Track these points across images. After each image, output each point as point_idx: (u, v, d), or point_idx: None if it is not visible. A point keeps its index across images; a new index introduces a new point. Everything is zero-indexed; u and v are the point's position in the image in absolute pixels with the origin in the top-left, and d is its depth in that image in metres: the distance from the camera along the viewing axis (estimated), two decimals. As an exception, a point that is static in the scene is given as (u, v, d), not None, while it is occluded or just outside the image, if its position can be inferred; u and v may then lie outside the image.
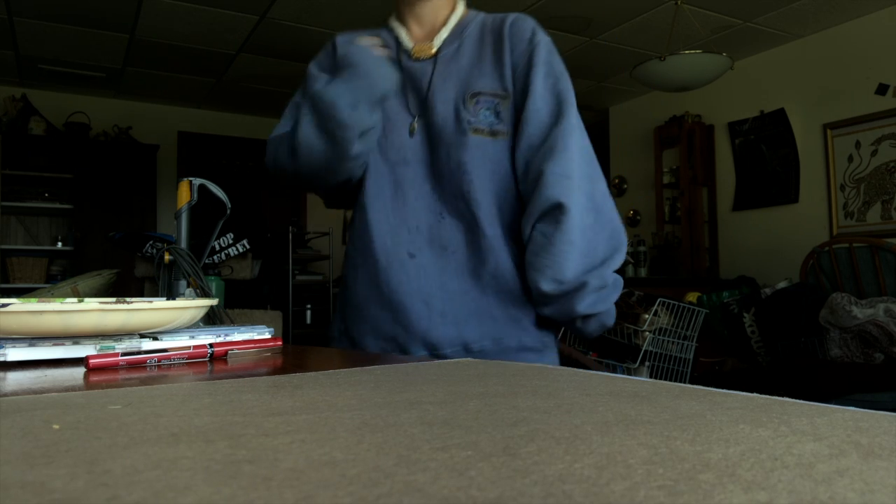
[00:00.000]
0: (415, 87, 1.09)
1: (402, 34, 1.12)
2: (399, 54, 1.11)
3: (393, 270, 1.06)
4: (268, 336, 0.89)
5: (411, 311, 1.05)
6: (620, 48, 4.57)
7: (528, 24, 1.09)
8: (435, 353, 1.04)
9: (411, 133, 1.08)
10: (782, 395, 0.43)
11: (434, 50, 1.09)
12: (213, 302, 0.87)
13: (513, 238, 1.07)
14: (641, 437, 0.32)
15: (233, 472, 0.26)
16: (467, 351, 1.04)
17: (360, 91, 0.99)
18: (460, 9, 1.13)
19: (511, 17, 1.10)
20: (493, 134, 1.06)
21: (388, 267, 1.06)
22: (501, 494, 0.23)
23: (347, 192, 1.17)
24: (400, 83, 1.07)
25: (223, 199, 1.26)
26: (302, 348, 0.94)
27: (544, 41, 1.07)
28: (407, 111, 1.09)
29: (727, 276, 4.69)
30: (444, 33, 1.10)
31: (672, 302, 3.33)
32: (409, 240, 1.07)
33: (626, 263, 4.63)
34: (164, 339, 0.80)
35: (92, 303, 0.70)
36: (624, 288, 3.52)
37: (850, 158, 4.17)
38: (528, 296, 1.07)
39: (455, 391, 0.47)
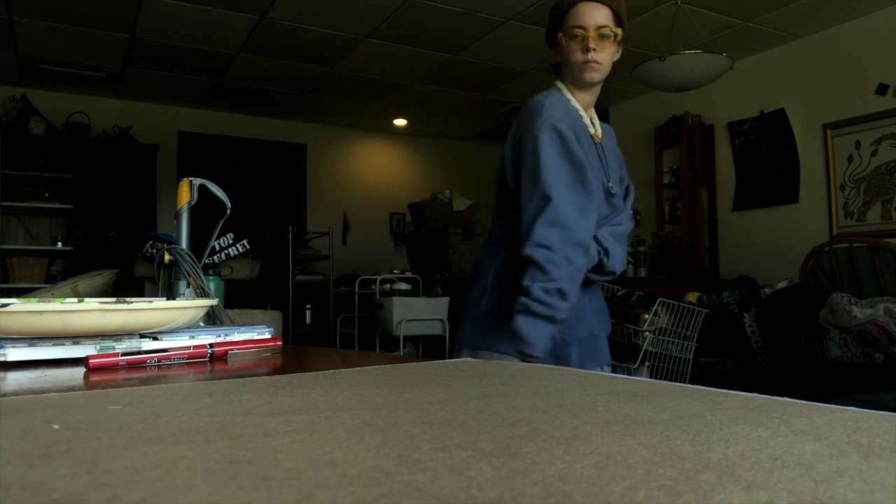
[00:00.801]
0: (601, 162, 1.48)
1: (587, 119, 1.50)
2: (590, 136, 1.49)
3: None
4: (268, 336, 0.89)
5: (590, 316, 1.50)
6: (620, 48, 4.57)
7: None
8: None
9: (611, 193, 1.47)
10: (782, 395, 0.43)
11: (599, 139, 1.51)
12: (213, 302, 0.87)
13: None
14: (641, 437, 0.32)
15: (233, 472, 0.26)
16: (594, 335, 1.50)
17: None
18: None
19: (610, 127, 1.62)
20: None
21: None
22: (501, 494, 0.23)
23: None
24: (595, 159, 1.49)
25: (223, 199, 1.26)
26: (302, 348, 0.95)
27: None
28: (606, 176, 1.49)
29: (727, 276, 4.68)
30: (598, 125, 1.53)
31: (672, 302, 3.33)
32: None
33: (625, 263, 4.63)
34: (164, 339, 0.80)
35: (92, 303, 0.70)
36: (624, 288, 3.52)
37: (850, 158, 4.17)
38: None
39: (455, 391, 0.47)
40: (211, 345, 0.75)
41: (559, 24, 1.44)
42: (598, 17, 1.40)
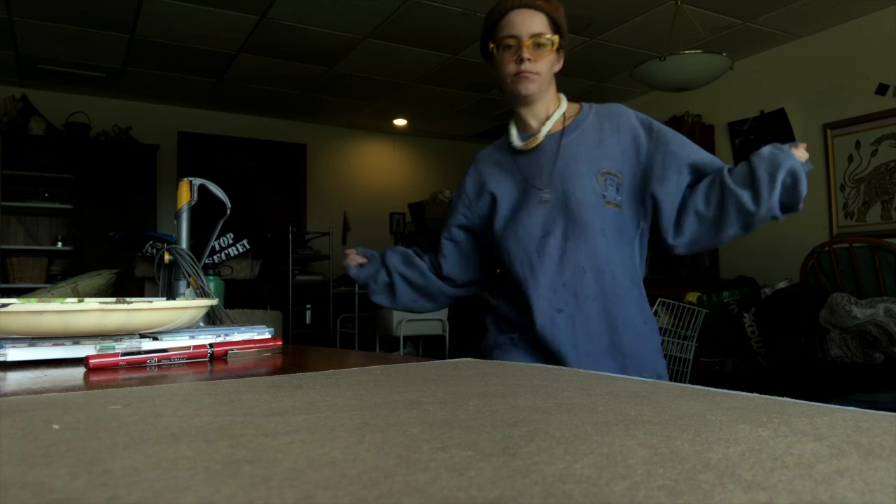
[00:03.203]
0: (537, 168, 1.37)
1: (513, 134, 1.41)
2: (510, 150, 1.42)
3: (547, 326, 1.32)
4: (268, 336, 0.89)
5: (564, 354, 1.30)
6: (620, 48, 4.57)
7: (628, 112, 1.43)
8: None
9: (522, 205, 1.36)
10: (782, 395, 0.43)
11: (538, 143, 1.36)
12: (213, 302, 0.87)
13: (636, 287, 1.38)
14: (641, 437, 0.32)
15: (233, 472, 0.26)
16: None
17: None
18: (564, 104, 1.41)
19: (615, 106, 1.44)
20: (618, 206, 1.33)
21: (543, 324, 1.32)
22: (501, 494, 0.23)
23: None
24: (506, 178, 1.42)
25: (223, 199, 1.26)
26: (302, 348, 0.95)
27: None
28: (534, 189, 1.36)
29: (727, 276, 4.68)
30: (547, 126, 1.37)
31: (672, 302, 3.33)
32: (556, 298, 1.32)
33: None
34: (164, 339, 0.80)
35: (92, 303, 0.70)
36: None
37: (850, 158, 4.17)
38: (648, 335, 1.37)
39: (455, 391, 0.47)
40: (211, 345, 0.76)
41: (491, 34, 1.35)
42: (532, 24, 1.30)
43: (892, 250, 3.24)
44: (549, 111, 1.39)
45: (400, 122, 6.56)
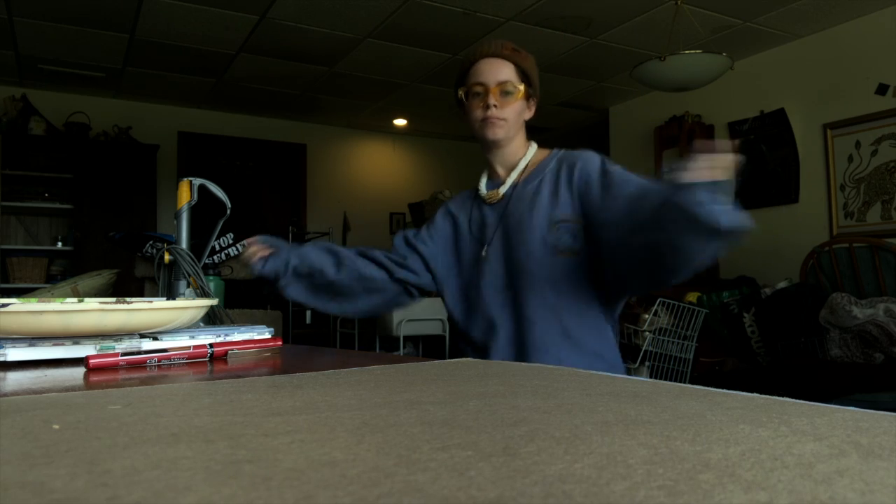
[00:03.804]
0: (489, 221, 1.41)
1: (482, 183, 1.47)
2: (477, 200, 1.46)
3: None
4: (268, 336, 0.89)
5: None
6: (620, 48, 4.57)
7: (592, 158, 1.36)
8: None
9: (482, 260, 1.38)
10: (782, 395, 0.43)
11: (500, 196, 1.41)
12: (213, 302, 0.87)
13: (594, 332, 1.33)
14: (641, 437, 0.32)
15: (233, 472, 0.26)
16: None
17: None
18: (531, 152, 1.43)
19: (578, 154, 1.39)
20: (574, 253, 1.30)
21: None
22: (501, 494, 0.23)
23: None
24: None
25: (223, 199, 1.26)
26: (302, 348, 0.95)
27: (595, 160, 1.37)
28: (478, 244, 1.41)
29: (727, 276, 4.68)
30: (512, 177, 1.41)
31: (672, 302, 3.33)
32: (511, 349, 1.32)
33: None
34: (164, 339, 0.80)
35: (92, 303, 0.70)
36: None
37: (850, 158, 4.16)
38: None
39: (455, 391, 0.47)
40: (211, 345, 0.76)
41: (462, 82, 1.40)
42: (499, 73, 1.35)
43: (892, 250, 3.24)
44: (517, 158, 1.42)
45: (400, 122, 6.56)
